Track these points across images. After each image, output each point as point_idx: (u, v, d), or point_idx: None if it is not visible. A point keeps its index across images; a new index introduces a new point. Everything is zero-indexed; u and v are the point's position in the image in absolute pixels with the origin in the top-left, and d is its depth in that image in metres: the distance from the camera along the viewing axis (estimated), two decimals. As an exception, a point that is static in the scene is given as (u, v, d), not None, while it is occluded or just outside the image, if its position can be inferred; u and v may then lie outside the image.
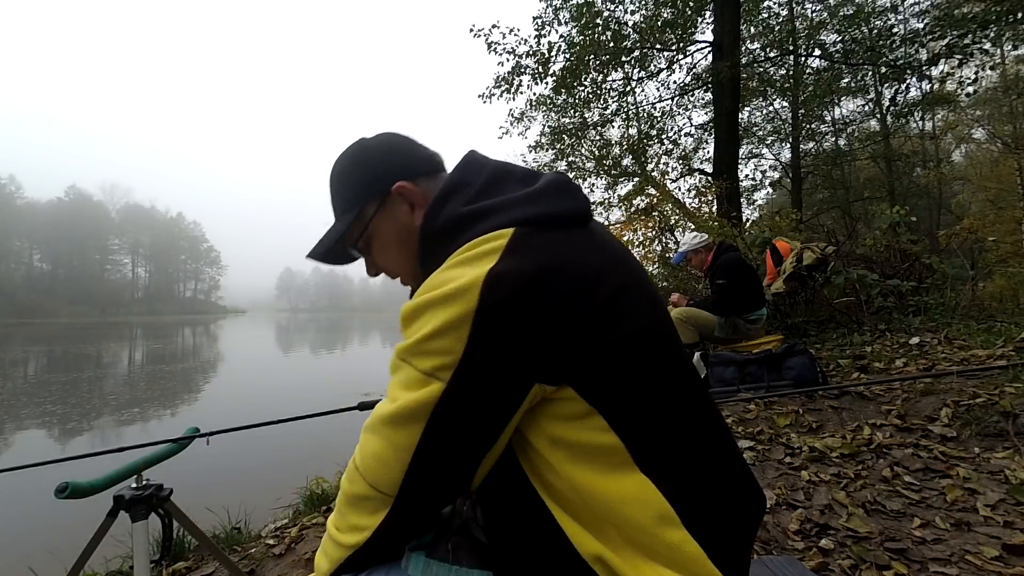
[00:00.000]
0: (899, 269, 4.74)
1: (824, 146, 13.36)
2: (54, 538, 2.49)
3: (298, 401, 7.79)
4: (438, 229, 0.59)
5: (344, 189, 0.69)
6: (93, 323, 53.19)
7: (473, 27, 8.43)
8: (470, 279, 0.47)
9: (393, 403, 0.50)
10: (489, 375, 0.47)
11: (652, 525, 0.47)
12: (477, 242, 0.51)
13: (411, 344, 0.49)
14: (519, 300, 0.46)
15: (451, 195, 0.61)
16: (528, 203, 0.56)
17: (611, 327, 0.49)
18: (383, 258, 0.71)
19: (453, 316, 0.47)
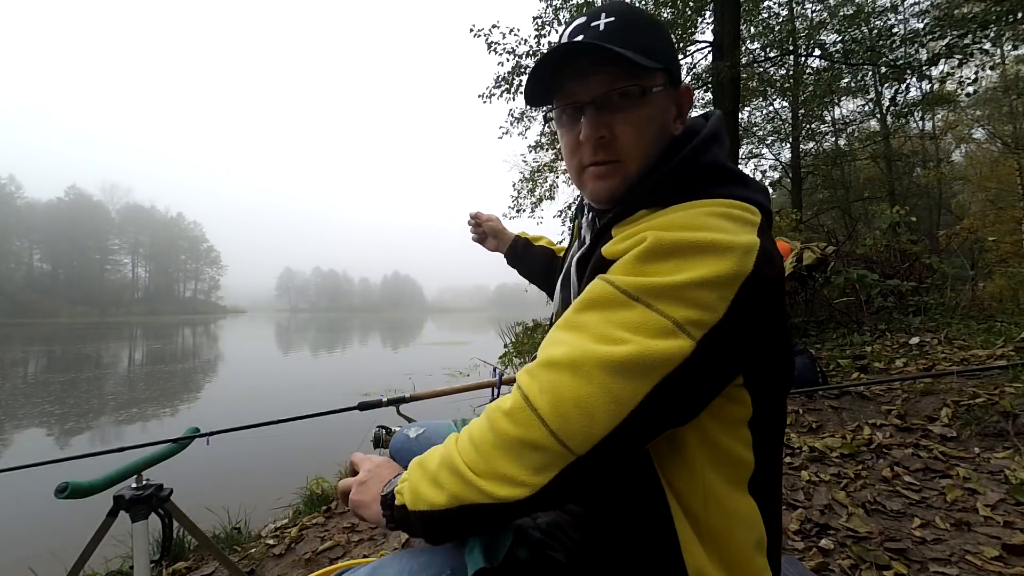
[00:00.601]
0: (899, 269, 4.74)
1: (824, 146, 13.35)
2: (54, 538, 2.49)
3: (298, 401, 7.78)
4: (705, 165, 0.53)
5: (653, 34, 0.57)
6: (93, 323, 53.19)
7: (473, 27, 8.43)
8: (746, 242, 0.43)
9: (620, 346, 0.41)
10: (733, 347, 0.43)
11: (751, 548, 0.48)
12: (741, 205, 0.48)
13: (664, 284, 0.42)
14: (773, 283, 0.44)
15: (713, 143, 0.56)
16: (764, 194, 0.54)
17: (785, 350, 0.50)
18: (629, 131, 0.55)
19: (724, 271, 0.41)
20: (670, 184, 0.53)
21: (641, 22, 0.57)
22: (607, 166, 0.57)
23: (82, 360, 14.73)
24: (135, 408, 7.68)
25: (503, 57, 8.60)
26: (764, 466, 0.49)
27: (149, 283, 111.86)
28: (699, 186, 0.51)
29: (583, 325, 0.45)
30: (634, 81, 0.54)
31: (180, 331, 33.45)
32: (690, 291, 0.41)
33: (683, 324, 0.41)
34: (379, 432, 1.25)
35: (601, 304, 0.44)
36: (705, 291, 0.41)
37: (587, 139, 0.56)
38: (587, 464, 0.42)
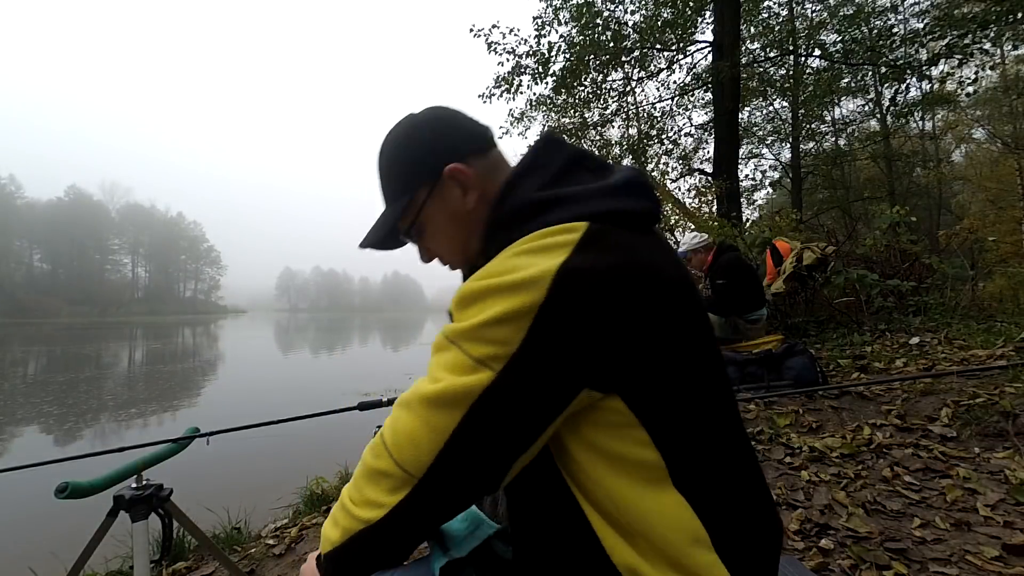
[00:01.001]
0: (899, 269, 4.74)
1: (824, 146, 13.35)
2: (54, 538, 2.49)
3: (298, 401, 7.79)
4: (508, 213, 0.56)
5: (394, 174, 0.66)
6: (93, 323, 53.18)
7: (473, 27, 8.43)
8: (541, 270, 0.45)
9: (435, 384, 0.48)
10: (541, 373, 0.45)
11: (686, 545, 0.47)
12: (550, 231, 0.49)
13: (466, 328, 0.47)
14: (587, 300, 0.45)
15: (525, 177, 0.58)
16: (604, 196, 0.53)
17: (670, 339, 0.48)
18: (435, 243, 0.68)
19: (517, 306, 0.45)
20: (489, 243, 0.58)
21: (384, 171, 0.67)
22: (448, 266, 0.70)
23: (81, 360, 14.73)
24: (133, 408, 7.68)
25: (503, 57, 8.60)
26: (686, 461, 0.49)
27: (149, 283, 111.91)
28: (515, 230, 0.53)
29: (428, 370, 0.52)
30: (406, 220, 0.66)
31: (180, 331, 33.45)
32: (488, 330, 0.46)
33: (483, 360, 0.46)
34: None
35: (434, 350, 0.51)
36: (499, 328, 0.45)
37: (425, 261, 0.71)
38: (429, 484, 0.48)
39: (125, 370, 12.90)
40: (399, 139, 0.66)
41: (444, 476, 0.47)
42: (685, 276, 0.53)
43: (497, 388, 0.45)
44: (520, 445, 0.48)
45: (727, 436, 0.53)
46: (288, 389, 9.45)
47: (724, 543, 0.48)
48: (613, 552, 0.47)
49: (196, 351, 18.90)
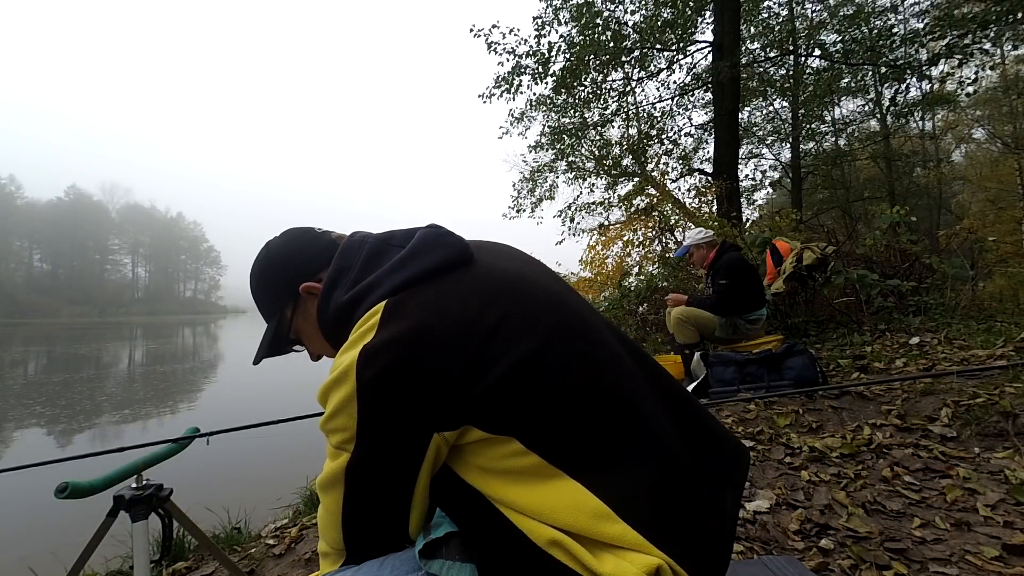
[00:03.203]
0: (899, 269, 4.74)
1: (824, 146, 13.34)
2: (54, 538, 2.49)
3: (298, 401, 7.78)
4: (330, 321, 0.65)
5: (263, 299, 0.76)
6: (92, 323, 53.16)
7: (473, 27, 8.43)
8: (348, 361, 0.52)
9: (322, 473, 0.58)
10: (384, 439, 0.53)
11: (590, 523, 0.49)
12: (357, 325, 0.56)
13: (322, 423, 0.56)
14: (393, 368, 0.51)
15: (334, 287, 0.66)
16: (397, 271, 0.60)
17: (494, 362, 0.51)
18: (313, 347, 0.78)
19: (342, 397, 0.52)
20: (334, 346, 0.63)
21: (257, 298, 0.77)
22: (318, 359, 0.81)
23: (79, 360, 14.72)
24: (129, 409, 7.67)
25: (503, 57, 8.60)
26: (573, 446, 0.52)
27: (149, 283, 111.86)
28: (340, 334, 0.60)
29: None
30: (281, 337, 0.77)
31: (180, 331, 33.44)
32: (331, 422, 0.54)
33: (339, 446, 0.55)
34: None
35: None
36: (337, 418, 0.54)
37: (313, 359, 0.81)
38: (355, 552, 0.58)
39: (124, 370, 12.90)
40: (262, 269, 0.76)
41: (356, 542, 0.58)
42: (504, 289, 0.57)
43: (357, 463, 0.54)
44: (402, 497, 0.56)
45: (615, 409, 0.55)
46: (288, 389, 9.45)
47: (631, 510, 0.50)
48: (531, 532, 0.50)
49: (196, 351, 18.90)
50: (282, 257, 0.75)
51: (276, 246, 0.76)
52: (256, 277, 0.76)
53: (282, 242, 0.76)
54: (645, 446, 0.55)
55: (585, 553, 0.48)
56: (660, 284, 5.63)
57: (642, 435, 0.55)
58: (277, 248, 0.76)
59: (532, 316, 0.55)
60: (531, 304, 0.57)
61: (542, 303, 0.58)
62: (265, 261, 0.76)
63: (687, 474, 0.56)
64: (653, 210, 7.13)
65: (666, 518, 0.52)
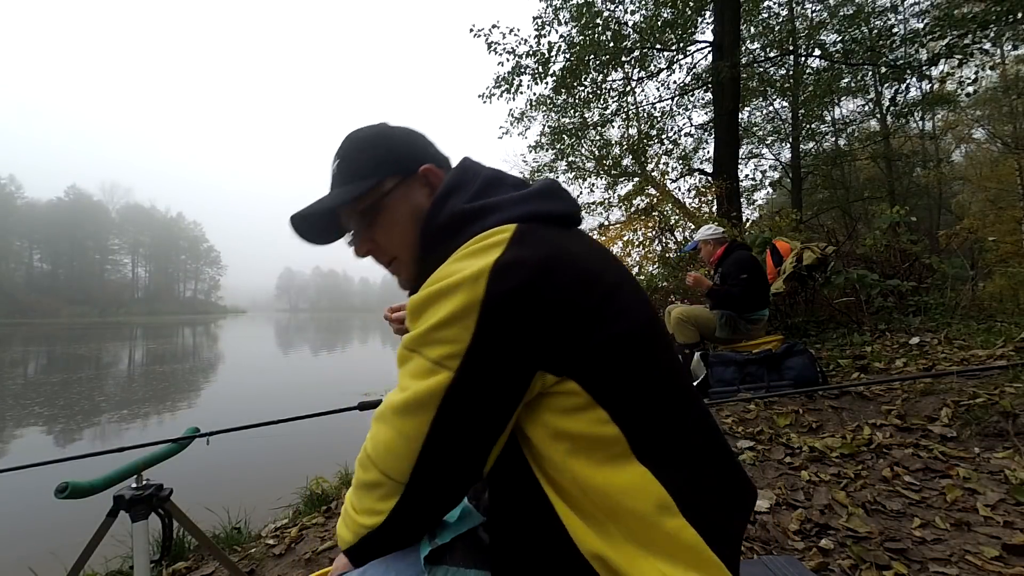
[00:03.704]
0: (899, 269, 4.74)
1: (824, 146, 13.33)
2: (54, 538, 2.49)
3: (298, 401, 7.79)
4: (442, 224, 0.60)
5: (364, 157, 0.67)
6: (92, 323, 53.18)
7: (473, 27, 8.43)
8: (477, 268, 0.48)
9: (402, 393, 0.51)
10: (495, 363, 0.48)
11: (652, 514, 0.48)
12: (482, 236, 0.52)
13: (419, 334, 0.50)
14: (526, 289, 0.47)
15: (452, 193, 0.63)
16: (526, 202, 0.58)
17: (610, 321, 0.51)
18: (386, 235, 0.68)
19: (460, 305, 0.48)
20: (429, 255, 0.61)
21: (358, 149, 0.68)
22: (391, 265, 0.70)
23: (79, 360, 14.72)
24: (129, 409, 7.67)
25: (503, 57, 8.59)
26: (645, 431, 0.51)
27: (149, 283, 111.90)
28: (449, 241, 0.57)
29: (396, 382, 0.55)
30: (364, 202, 0.66)
31: (180, 331, 33.45)
32: (438, 332, 0.49)
33: (439, 361, 0.49)
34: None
35: (399, 362, 0.54)
36: (448, 328, 0.48)
37: (364, 256, 0.70)
38: (418, 488, 0.51)
39: (124, 370, 12.90)
40: (375, 131, 0.69)
41: (427, 477, 0.50)
42: (612, 262, 0.57)
43: (458, 385, 0.48)
44: (491, 434, 0.50)
45: (683, 407, 0.55)
46: (288, 389, 9.45)
47: (690, 506, 0.50)
48: (580, 541, 0.49)
49: (196, 351, 18.90)
50: (404, 134, 0.69)
51: (399, 127, 0.70)
52: (365, 135, 0.69)
53: (407, 128, 0.71)
54: (701, 446, 0.55)
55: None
56: (660, 284, 5.63)
57: (699, 434, 0.55)
58: (401, 128, 0.70)
59: (636, 296, 0.55)
60: (633, 284, 0.57)
61: (637, 287, 0.58)
62: (384, 128, 0.70)
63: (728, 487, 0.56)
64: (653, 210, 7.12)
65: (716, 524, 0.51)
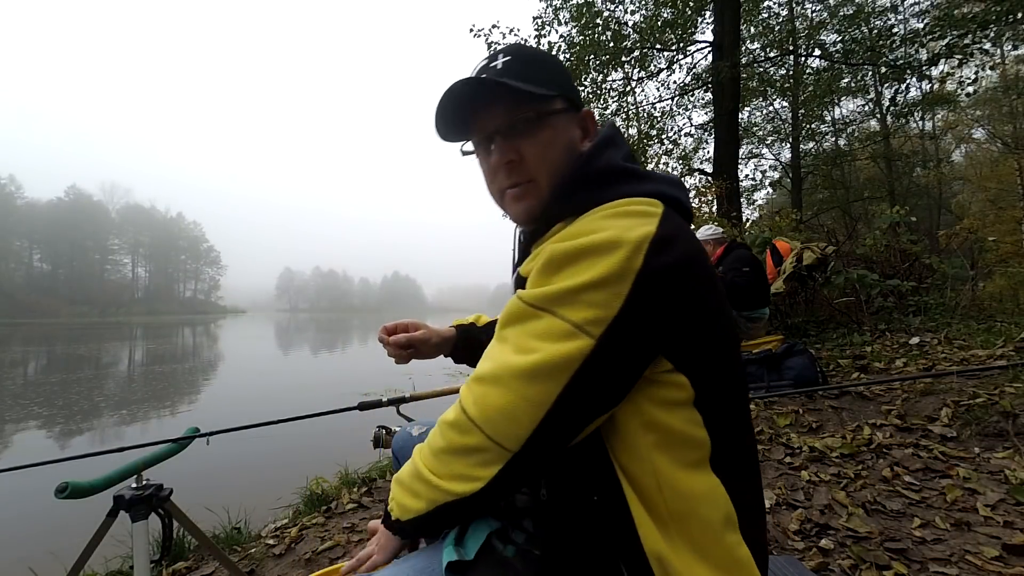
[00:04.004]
0: (899, 269, 4.74)
1: (824, 146, 13.34)
2: (54, 538, 2.49)
3: (298, 401, 7.78)
4: (599, 169, 0.57)
5: (545, 67, 0.63)
6: (92, 323, 53.17)
7: (473, 27, 8.43)
8: (636, 236, 0.46)
9: (529, 354, 0.46)
10: (636, 337, 0.46)
11: (718, 525, 0.48)
12: (636, 202, 0.51)
13: (561, 291, 0.46)
14: (680, 270, 0.47)
15: (610, 144, 0.61)
16: (670, 184, 0.58)
17: (722, 328, 0.51)
18: (539, 153, 0.61)
19: (614, 269, 0.45)
20: (571, 195, 0.57)
21: (534, 58, 0.63)
22: (521, 187, 0.62)
23: (77, 360, 14.71)
24: (129, 409, 7.67)
25: (503, 57, 8.59)
26: (725, 443, 0.50)
27: (149, 283, 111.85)
28: (596, 192, 0.54)
29: (505, 339, 0.50)
30: (531, 108, 0.60)
31: (180, 331, 33.44)
32: (585, 294, 0.45)
33: (582, 325, 0.45)
34: (379, 432, 1.25)
35: (516, 319, 0.49)
36: (597, 291, 0.45)
37: (498, 164, 0.62)
38: (525, 456, 0.47)
39: (123, 370, 12.89)
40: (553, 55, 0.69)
41: (539, 446, 0.47)
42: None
43: (597, 354, 0.45)
44: (606, 408, 0.48)
45: (748, 424, 0.55)
46: (288, 389, 9.45)
47: (746, 523, 0.50)
48: (645, 538, 0.48)
49: (196, 351, 18.90)
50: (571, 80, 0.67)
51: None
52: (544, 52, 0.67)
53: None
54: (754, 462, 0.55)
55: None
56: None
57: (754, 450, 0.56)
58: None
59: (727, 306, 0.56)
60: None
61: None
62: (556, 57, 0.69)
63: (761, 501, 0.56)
64: (653, 210, 7.12)
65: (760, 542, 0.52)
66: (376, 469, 2.79)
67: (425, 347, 0.98)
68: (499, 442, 0.47)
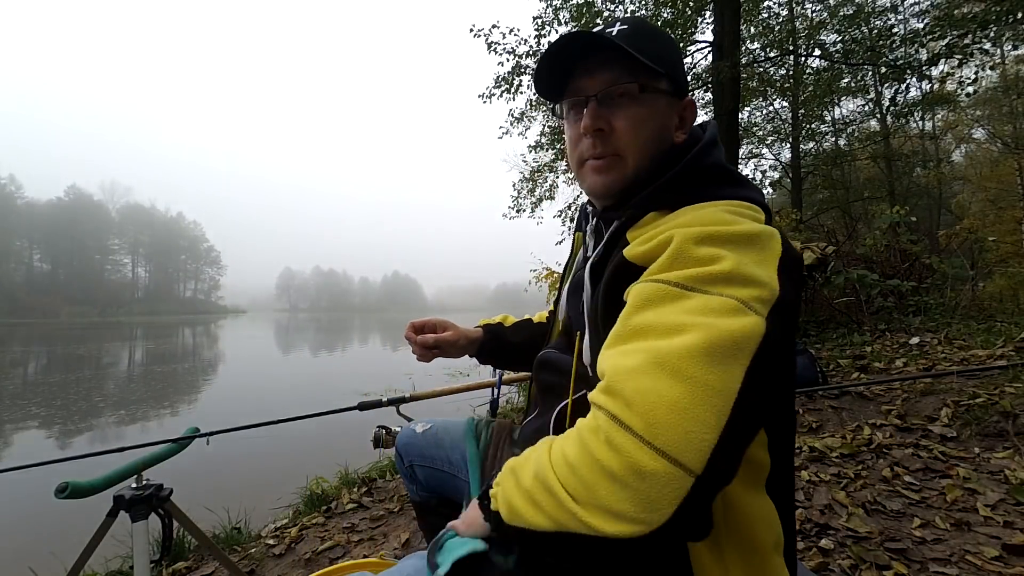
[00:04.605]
0: (899, 269, 4.74)
1: (824, 146, 13.34)
2: (54, 538, 2.49)
3: (298, 401, 7.78)
4: (709, 166, 0.57)
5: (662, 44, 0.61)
6: (92, 323, 53.18)
7: (473, 27, 8.43)
8: (769, 229, 0.47)
9: (696, 332, 0.37)
10: (790, 325, 0.43)
11: (769, 549, 0.48)
12: (745, 205, 0.52)
13: (714, 271, 0.41)
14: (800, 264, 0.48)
15: (716, 145, 0.60)
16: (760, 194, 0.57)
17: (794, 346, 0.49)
18: (631, 128, 0.58)
19: (765, 254, 0.45)
20: (677, 187, 0.55)
21: (652, 33, 0.61)
22: (604, 160, 0.60)
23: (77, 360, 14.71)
24: (129, 409, 7.67)
25: (503, 57, 8.59)
26: (779, 466, 0.50)
27: (149, 283, 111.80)
28: (705, 188, 0.54)
29: (645, 327, 0.41)
30: (636, 80, 0.58)
31: (180, 331, 33.44)
32: (742, 272, 0.41)
33: (748, 301, 0.40)
34: (379, 432, 1.25)
35: (657, 301, 0.42)
36: (756, 270, 0.42)
37: (587, 130, 0.59)
38: (708, 482, 0.35)
39: (124, 370, 12.89)
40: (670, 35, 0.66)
41: (725, 459, 0.35)
42: None
43: (770, 336, 0.39)
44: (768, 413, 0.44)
45: (793, 447, 0.55)
46: (288, 389, 9.45)
47: (788, 547, 0.50)
48: (697, 560, 0.45)
49: (196, 351, 18.89)
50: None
51: None
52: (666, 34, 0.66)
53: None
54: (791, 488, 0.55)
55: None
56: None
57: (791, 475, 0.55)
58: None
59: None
60: None
61: None
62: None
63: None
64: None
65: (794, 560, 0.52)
66: (376, 469, 2.79)
67: (452, 349, 0.97)
68: (676, 457, 0.34)
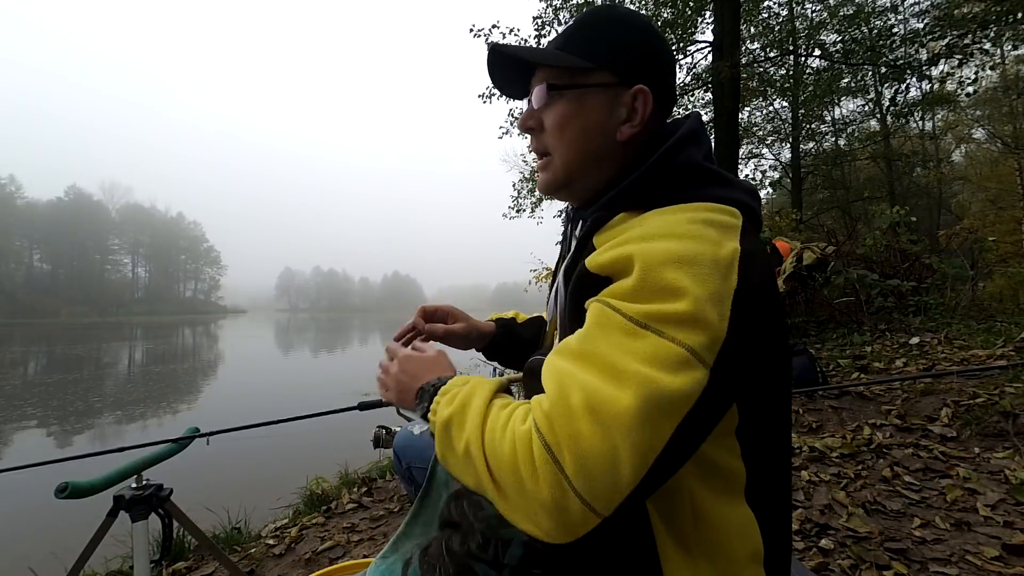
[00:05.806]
0: (899, 269, 4.74)
1: (824, 146, 13.35)
2: (54, 538, 2.49)
3: (298, 401, 7.78)
4: (680, 164, 0.52)
5: (592, 34, 0.57)
6: (92, 323, 53.18)
7: (473, 27, 8.43)
8: (730, 251, 0.42)
9: (636, 387, 0.37)
10: (739, 362, 0.41)
11: (745, 561, 0.47)
12: (715, 208, 0.47)
13: (670, 312, 0.39)
14: (764, 288, 0.43)
15: (692, 141, 0.55)
16: (746, 193, 0.53)
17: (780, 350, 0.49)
18: (557, 127, 0.57)
19: (716, 287, 0.40)
20: (646, 187, 0.52)
21: (590, 23, 0.58)
22: (542, 159, 0.61)
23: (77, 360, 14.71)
24: (129, 409, 7.67)
25: (503, 57, 8.60)
26: (760, 474, 0.48)
27: (149, 283, 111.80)
28: (676, 188, 0.51)
29: (592, 355, 0.41)
30: (558, 79, 0.57)
31: (180, 331, 33.45)
32: (698, 315, 0.39)
33: (698, 351, 0.38)
34: (379, 432, 1.25)
35: (611, 330, 0.41)
36: (711, 311, 0.39)
37: (520, 126, 0.61)
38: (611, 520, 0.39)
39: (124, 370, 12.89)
40: (630, 18, 0.58)
41: (637, 500, 0.39)
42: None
43: (712, 386, 0.38)
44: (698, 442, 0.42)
45: (787, 454, 0.53)
46: (288, 389, 9.45)
47: (771, 557, 0.49)
48: (670, 572, 0.45)
49: (196, 351, 18.90)
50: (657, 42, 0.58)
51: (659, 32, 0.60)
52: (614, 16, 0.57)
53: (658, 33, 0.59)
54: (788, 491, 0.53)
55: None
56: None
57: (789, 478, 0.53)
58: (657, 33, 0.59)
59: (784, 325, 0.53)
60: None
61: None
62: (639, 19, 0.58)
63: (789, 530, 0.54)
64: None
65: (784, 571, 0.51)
66: (376, 469, 2.79)
67: (460, 341, 0.91)
68: (590, 503, 0.37)
